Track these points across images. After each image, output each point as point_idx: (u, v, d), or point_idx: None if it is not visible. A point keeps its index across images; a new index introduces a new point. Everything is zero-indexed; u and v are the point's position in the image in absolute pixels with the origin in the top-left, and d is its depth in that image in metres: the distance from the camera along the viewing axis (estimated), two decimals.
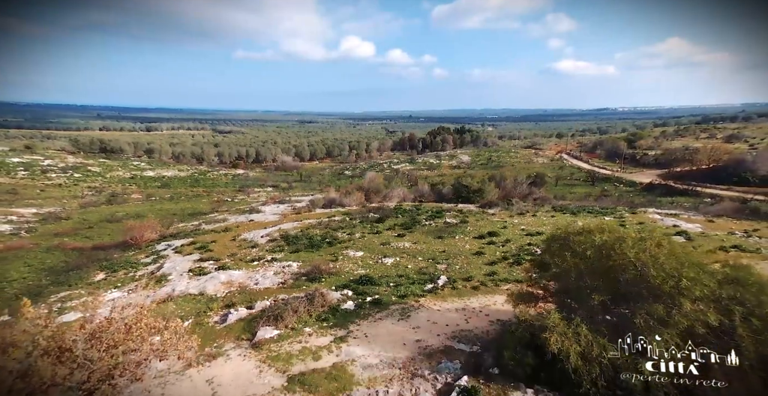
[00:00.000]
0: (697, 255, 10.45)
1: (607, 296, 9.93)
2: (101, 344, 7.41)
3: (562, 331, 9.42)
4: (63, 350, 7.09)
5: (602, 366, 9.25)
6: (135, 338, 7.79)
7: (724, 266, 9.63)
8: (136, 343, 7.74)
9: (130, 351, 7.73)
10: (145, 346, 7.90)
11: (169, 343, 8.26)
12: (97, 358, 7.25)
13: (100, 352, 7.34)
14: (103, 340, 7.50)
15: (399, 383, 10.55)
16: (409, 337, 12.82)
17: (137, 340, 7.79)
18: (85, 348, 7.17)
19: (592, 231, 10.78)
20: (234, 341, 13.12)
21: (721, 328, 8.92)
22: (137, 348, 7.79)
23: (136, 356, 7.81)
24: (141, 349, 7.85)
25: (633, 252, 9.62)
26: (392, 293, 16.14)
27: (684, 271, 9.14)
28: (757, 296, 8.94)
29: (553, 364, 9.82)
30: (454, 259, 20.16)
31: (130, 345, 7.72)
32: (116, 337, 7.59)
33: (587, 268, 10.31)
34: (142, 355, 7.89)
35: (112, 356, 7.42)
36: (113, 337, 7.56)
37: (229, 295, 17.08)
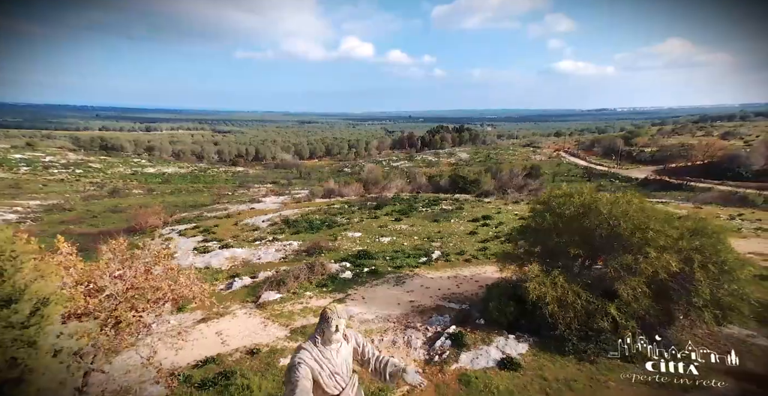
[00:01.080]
0: (664, 211, 11.35)
1: (582, 250, 10.85)
2: (124, 282, 8.28)
3: (541, 281, 10.33)
4: (91, 283, 7.97)
5: (576, 311, 10.18)
6: (155, 277, 8.67)
7: (686, 219, 10.53)
8: (156, 281, 8.61)
9: (151, 288, 8.60)
10: (164, 285, 8.77)
11: (185, 284, 9.13)
12: (120, 292, 8.13)
13: (124, 287, 8.21)
14: (126, 277, 8.37)
15: (393, 333, 11.44)
16: (404, 298, 13.71)
17: (156, 279, 8.67)
18: (110, 282, 8.04)
19: (571, 194, 11.69)
20: (239, 303, 14.00)
21: (682, 274, 9.85)
22: (157, 286, 8.66)
23: (158, 294, 8.68)
24: (161, 288, 8.72)
25: (607, 208, 10.54)
26: (388, 265, 17.03)
27: (651, 223, 10.06)
28: (714, 245, 9.86)
29: (532, 311, 10.71)
30: (448, 238, 21.06)
31: (151, 283, 8.59)
32: (137, 276, 8.46)
33: (565, 226, 11.22)
34: (162, 293, 8.76)
35: (136, 289, 8.30)
36: (134, 276, 8.43)
37: (233, 268, 17.97)
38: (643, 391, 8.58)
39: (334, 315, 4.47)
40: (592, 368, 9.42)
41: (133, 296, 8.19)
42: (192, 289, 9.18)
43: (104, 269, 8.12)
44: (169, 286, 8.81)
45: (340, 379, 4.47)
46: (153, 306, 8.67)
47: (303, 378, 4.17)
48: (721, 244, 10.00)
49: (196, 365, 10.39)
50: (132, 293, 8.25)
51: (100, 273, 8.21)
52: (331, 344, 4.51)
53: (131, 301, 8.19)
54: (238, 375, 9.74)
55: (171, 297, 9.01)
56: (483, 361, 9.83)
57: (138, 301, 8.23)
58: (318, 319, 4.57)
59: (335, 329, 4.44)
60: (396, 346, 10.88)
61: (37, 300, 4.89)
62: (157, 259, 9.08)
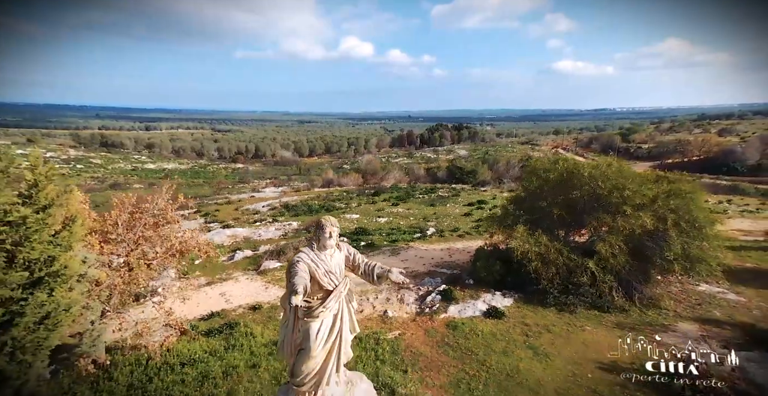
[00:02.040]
0: (641, 174, 11.99)
1: (565, 212, 11.51)
2: (134, 231, 8.93)
3: (525, 239, 11.01)
4: (105, 231, 8.61)
5: (558, 267, 10.85)
6: (162, 230, 9.31)
7: (662, 181, 11.20)
8: (164, 231, 9.25)
9: (160, 238, 9.25)
10: (171, 235, 9.41)
11: (190, 236, 9.76)
12: (132, 241, 8.78)
13: (135, 236, 8.86)
14: (136, 228, 9.02)
15: (387, 292, 12.10)
16: (398, 265, 14.36)
17: (164, 229, 9.31)
18: (122, 230, 8.69)
19: (557, 161, 12.37)
20: (241, 271, 14.67)
21: (656, 231, 10.52)
22: (165, 235, 9.30)
23: (166, 244, 9.32)
24: (168, 238, 9.36)
25: (588, 171, 11.23)
26: (384, 239, 17.71)
27: (628, 183, 10.74)
28: (687, 205, 10.54)
29: (517, 269, 11.38)
30: (443, 219, 21.74)
31: (159, 232, 9.24)
32: (146, 227, 9.11)
33: (550, 190, 11.90)
34: (170, 243, 9.39)
35: (146, 239, 8.94)
36: (144, 225, 9.07)
37: (235, 244, 18.62)
38: (614, 332, 9.26)
39: (328, 223, 5.14)
40: (571, 317, 10.09)
41: (144, 245, 8.85)
42: (198, 242, 9.84)
43: (115, 218, 8.77)
44: (176, 237, 9.46)
45: (333, 277, 5.13)
46: (162, 255, 9.33)
47: (301, 270, 4.84)
48: (694, 204, 10.68)
49: (203, 318, 11.06)
50: (143, 242, 8.91)
51: (112, 222, 8.87)
52: (326, 250, 5.16)
53: (142, 248, 8.85)
54: (241, 325, 10.41)
55: (179, 249, 9.67)
56: (470, 312, 10.50)
57: (148, 250, 8.89)
58: (314, 228, 5.24)
59: (329, 235, 5.09)
60: (390, 302, 11.55)
61: (65, 216, 5.53)
62: (165, 212, 9.71)
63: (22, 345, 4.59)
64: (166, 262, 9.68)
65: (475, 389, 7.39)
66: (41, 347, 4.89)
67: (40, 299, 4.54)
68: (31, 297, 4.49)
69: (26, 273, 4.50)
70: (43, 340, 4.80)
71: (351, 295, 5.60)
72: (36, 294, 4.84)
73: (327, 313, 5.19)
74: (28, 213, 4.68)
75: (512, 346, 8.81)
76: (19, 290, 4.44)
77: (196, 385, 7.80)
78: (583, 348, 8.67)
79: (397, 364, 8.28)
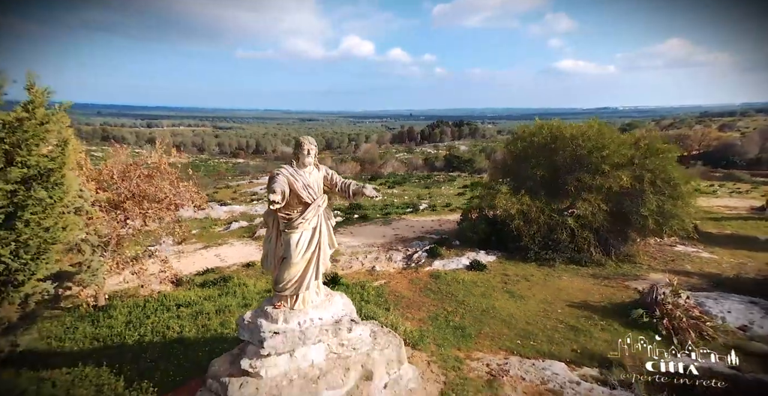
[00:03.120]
0: (621, 137, 12.34)
1: (547, 173, 11.93)
2: (130, 181, 9.36)
3: (508, 198, 11.44)
4: (101, 181, 9.05)
5: (539, 225, 11.29)
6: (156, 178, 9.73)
7: (641, 140, 11.60)
8: (157, 181, 9.66)
9: (154, 190, 9.66)
10: (165, 186, 9.84)
11: (185, 190, 10.19)
12: (127, 190, 9.22)
13: (130, 186, 9.29)
14: (132, 178, 9.45)
15: (376, 252, 12.57)
16: (389, 232, 14.84)
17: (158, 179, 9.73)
18: (117, 181, 9.14)
19: (542, 125, 12.78)
20: (237, 238, 15.15)
21: (633, 189, 10.93)
22: (159, 186, 9.72)
23: (160, 195, 9.75)
24: (162, 189, 9.79)
25: (570, 132, 11.65)
26: (377, 213, 18.16)
27: (608, 143, 11.16)
28: (663, 164, 10.95)
29: (501, 229, 11.83)
30: (437, 197, 22.18)
31: (153, 183, 9.67)
32: (141, 177, 9.54)
33: (534, 150, 12.31)
34: (164, 194, 9.81)
35: (140, 189, 9.38)
36: (138, 176, 9.50)
37: (231, 217, 19.11)
38: (588, 281, 9.70)
39: (306, 140, 5.60)
40: (550, 270, 10.53)
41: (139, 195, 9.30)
42: (193, 196, 10.29)
43: (111, 168, 9.23)
44: (170, 189, 9.90)
45: (312, 191, 5.57)
46: (157, 206, 9.77)
47: (280, 180, 5.30)
48: (670, 164, 11.09)
49: (198, 274, 11.54)
50: (138, 192, 9.36)
51: (108, 172, 9.33)
52: (305, 167, 5.61)
53: (137, 199, 9.31)
54: (235, 279, 10.88)
55: (173, 200, 10.12)
56: (453, 265, 10.95)
57: (143, 200, 9.34)
58: (294, 147, 5.68)
59: (307, 152, 5.54)
60: (378, 260, 12.00)
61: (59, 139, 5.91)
62: (159, 164, 10.13)
63: (25, 242, 5.04)
64: (161, 213, 10.11)
65: (451, 321, 7.84)
66: (42, 251, 5.33)
67: (40, 195, 4.96)
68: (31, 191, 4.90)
69: (25, 169, 4.91)
70: (43, 243, 5.23)
71: (329, 213, 6.07)
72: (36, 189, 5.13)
73: (306, 224, 5.66)
74: (25, 116, 5.04)
75: (491, 290, 9.26)
76: (20, 185, 4.86)
77: (191, 319, 8.28)
78: (557, 291, 9.12)
79: (381, 303, 8.74)
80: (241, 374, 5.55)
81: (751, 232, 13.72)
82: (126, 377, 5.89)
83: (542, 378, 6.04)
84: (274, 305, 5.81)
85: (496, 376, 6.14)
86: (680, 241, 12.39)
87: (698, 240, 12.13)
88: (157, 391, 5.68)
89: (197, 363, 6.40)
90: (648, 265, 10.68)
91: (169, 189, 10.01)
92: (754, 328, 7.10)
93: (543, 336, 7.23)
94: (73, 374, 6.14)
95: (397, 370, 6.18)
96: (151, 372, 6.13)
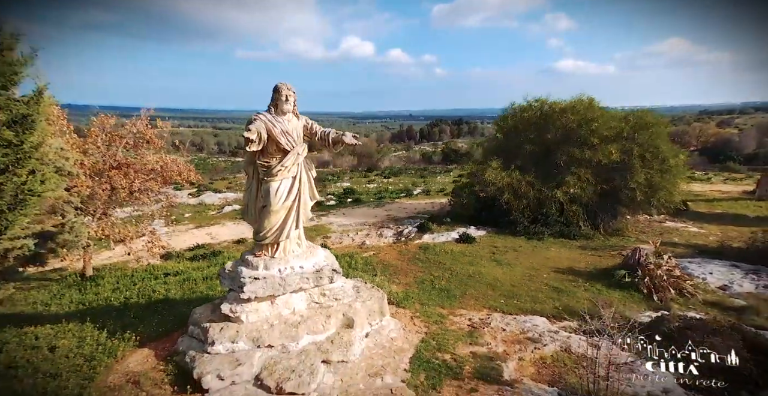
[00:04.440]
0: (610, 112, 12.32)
1: (537, 147, 11.95)
2: (114, 151, 9.33)
3: (498, 172, 11.47)
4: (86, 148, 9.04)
5: (529, 200, 11.32)
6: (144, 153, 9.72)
7: (629, 115, 11.63)
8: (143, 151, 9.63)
9: (140, 161, 9.63)
10: (152, 158, 9.82)
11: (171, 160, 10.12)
12: (112, 159, 9.20)
13: (114, 155, 9.27)
14: (117, 146, 9.44)
15: (367, 230, 12.59)
16: (381, 213, 14.87)
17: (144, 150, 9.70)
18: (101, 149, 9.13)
19: (531, 103, 12.82)
20: (229, 220, 15.18)
21: (622, 164, 10.96)
22: (146, 160, 9.71)
23: (147, 167, 9.71)
24: (149, 162, 9.77)
25: (559, 106, 11.69)
26: (371, 197, 18.20)
27: (597, 116, 11.19)
28: (651, 137, 10.99)
29: (491, 205, 11.85)
30: (432, 184, 22.22)
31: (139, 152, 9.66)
32: (126, 147, 9.52)
33: (524, 126, 12.35)
34: (150, 166, 9.77)
35: (126, 159, 9.39)
36: (123, 147, 9.47)
37: (225, 202, 19.15)
38: (576, 252, 9.74)
39: (284, 86, 5.60)
40: (539, 242, 10.55)
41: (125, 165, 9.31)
42: (179, 166, 10.23)
43: (95, 138, 9.21)
44: (157, 161, 9.87)
45: (290, 138, 5.58)
46: (143, 178, 9.72)
47: (257, 124, 5.31)
48: (659, 138, 11.12)
49: (189, 249, 11.56)
50: (124, 162, 9.35)
51: (92, 141, 9.33)
52: (284, 115, 5.62)
53: (123, 169, 9.31)
54: (224, 253, 10.92)
55: (161, 173, 10.07)
56: (443, 238, 10.99)
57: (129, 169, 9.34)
58: (272, 94, 5.63)
59: (285, 98, 5.53)
60: (369, 236, 12.02)
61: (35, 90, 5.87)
62: (144, 134, 10.01)
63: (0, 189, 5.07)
64: (148, 184, 9.99)
65: (437, 284, 7.87)
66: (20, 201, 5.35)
67: (5, 135, 4.95)
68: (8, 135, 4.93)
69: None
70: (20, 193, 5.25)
71: (310, 164, 6.10)
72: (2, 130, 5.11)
73: (285, 172, 5.68)
74: None
75: (478, 259, 9.29)
76: None
77: (177, 285, 8.31)
78: (544, 260, 9.15)
79: (368, 270, 8.77)
80: (222, 320, 5.59)
81: (741, 211, 13.75)
82: (109, 330, 5.90)
83: (522, 329, 6.07)
84: (255, 254, 5.85)
85: (477, 328, 6.16)
86: (670, 217, 12.43)
87: (687, 216, 12.17)
88: (139, 340, 5.72)
89: (181, 317, 6.43)
90: (636, 238, 10.71)
91: (156, 160, 9.98)
92: (733, 287, 7.17)
93: (527, 296, 7.26)
94: (57, 329, 6.17)
95: (379, 321, 6.21)
96: (134, 326, 6.15)
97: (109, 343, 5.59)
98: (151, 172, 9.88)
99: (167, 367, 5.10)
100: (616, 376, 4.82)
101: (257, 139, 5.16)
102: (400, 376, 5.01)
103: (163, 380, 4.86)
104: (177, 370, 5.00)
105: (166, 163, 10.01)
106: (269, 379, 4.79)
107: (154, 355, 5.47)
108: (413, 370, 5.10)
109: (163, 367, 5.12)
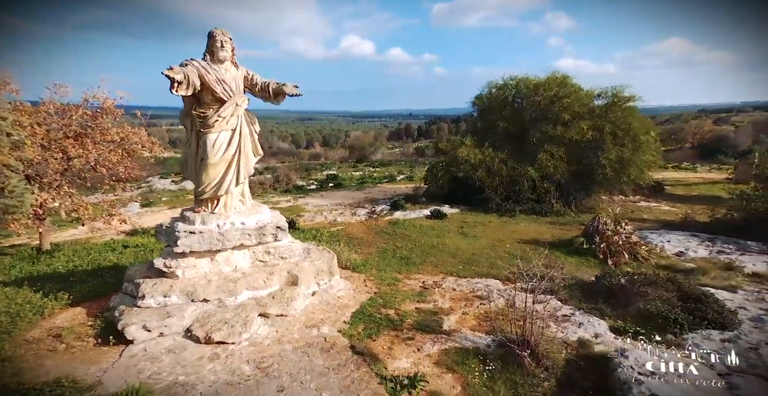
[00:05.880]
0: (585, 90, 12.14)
1: (512, 126, 11.79)
2: (69, 118, 9.08)
3: (471, 149, 11.30)
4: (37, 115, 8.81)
5: (502, 178, 11.16)
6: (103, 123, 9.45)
7: (602, 93, 11.45)
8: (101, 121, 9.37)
9: (99, 130, 9.36)
10: (112, 131, 9.56)
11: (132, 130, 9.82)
12: (67, 128, 8.94)
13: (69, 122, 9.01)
14: (73, 115, 9.19)
15: (342, 210, 12.44)
16: (359, 196, 14.72)
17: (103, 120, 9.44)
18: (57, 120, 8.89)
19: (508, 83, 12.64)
20: None
21: (595, 141, 10.79)
22: (104, 126, 9.43)
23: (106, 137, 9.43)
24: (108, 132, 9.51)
25: (533, 82, 11.52)
26: (353, 182, 18.03)
27: (570, 92, 11.03)
28: (624, 115, 10.81)
29: (466, 184, 11.68)
30: (417, 172, 22.04)
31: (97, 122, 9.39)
32: (83, 116, 9.26)
33: (500, 105, 12.19)
34: (110, 137, 9.49)
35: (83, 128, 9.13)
36: (80, 115, 9.21)
37: None
38: (544, 226, 9.59)
39: (218, 32, 5.34)
40: (509, 219, 10.40)
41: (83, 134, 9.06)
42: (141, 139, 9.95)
43: (48, 105, 8.96)
44: (117, 133, 9.60)
45: (227, 87, 5.35)
46: (101, 149, 9.45)
47: (187, 67, 5.08)
48: (631, 116, 10.95)
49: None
50: (81, 132, 9.09)
51: (45, 108, 9.07)
52: (221, 63, 5.37)
53: (80, 139, 9.07)
54: None
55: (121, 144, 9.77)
56: (414, 215, 10.84)
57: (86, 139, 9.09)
58: (207, 41, 5.39)
59: (220, 45, 5.28)
60: (342, 214, 11.86)
61: None
62: (104, 103, 9.70)
63: None
64: (110, 155, 9.66)
65: (399, 253, 7.73)
66: None
67: None
68: None
69: None
70: None
71: (252, 117, 5.91)
72: None
73: (223, 123, 5.48)
74: None
75: (445, 232, 9.15)
76: None
77: (132, 255, 8.13)
78: (511, 233, 9.01)
79: (333, 242, 8.59)
80: (157, 276, 5.42)
81: (717, 193, 13.59)
82: (44, 292, 5.69)
83: (473, 288, 5.92)
84: (194, 210, 5.68)
85: (429, 289, 6.00)
86: (645, 198, 12.30)
87: (663, 197, 12.05)
88: (73, 299, 5.53)
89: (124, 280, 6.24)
90: (607, 216, 10.54)
91: (116, 131, 9.71)
92: (688, 253, 7.18)
93: (485, 262, 7.13)
94: None
95: (328, 281, 6.06)
96: (72, 288, 5.96)
97: (39, 302, 5.40)
98: (111, 143, 9.64)
99: (95, 322, 4.96)
100: (553, 326, 4.68)
101: (185, 81, 4.95)
102: (338, 327, 4.85)
103: (87, 333, 4.71)
104: (104, 325, 4.84)
105: (126, 135, 9.76)
106: (199, 330, 4.65)
107: (86, 313, 5.31)
108: (353, 323, 4.97)
109: (92, 322, 4.98)
